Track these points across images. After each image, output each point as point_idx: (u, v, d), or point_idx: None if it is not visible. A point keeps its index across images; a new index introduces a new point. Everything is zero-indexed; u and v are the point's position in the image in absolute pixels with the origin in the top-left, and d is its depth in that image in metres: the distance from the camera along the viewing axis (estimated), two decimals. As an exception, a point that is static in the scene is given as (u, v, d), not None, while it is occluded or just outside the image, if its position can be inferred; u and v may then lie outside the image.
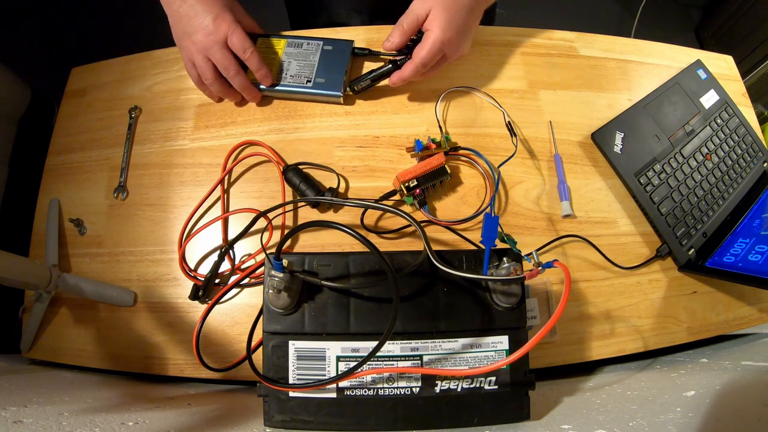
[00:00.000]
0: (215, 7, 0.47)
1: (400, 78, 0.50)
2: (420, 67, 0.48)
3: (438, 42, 0.47)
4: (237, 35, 0.48)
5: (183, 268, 0.49)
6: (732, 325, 0.52)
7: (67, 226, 0.53)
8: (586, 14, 1.74)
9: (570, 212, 0.52)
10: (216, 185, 0.51)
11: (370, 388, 0.34)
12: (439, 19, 0.47)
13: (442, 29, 0.47)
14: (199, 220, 0.51)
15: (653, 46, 0.64)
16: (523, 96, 0.58)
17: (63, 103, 0.59)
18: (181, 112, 0.56)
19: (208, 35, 0.48)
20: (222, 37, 0.48)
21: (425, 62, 0.48)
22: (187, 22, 0.48)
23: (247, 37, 0.49)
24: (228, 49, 0.49)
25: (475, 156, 0.52)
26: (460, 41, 0.49)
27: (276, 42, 0.55)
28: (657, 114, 0.58)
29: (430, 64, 0.49)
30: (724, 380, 0.38)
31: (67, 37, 1.53)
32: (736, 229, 0.53)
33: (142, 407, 0.38)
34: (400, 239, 0.50)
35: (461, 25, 0.48)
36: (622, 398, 0.39)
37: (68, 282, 0.47)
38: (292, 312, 0.35)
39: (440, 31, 0.47)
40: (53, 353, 0.49)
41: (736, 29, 1.53)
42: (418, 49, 0.48)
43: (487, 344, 0.35)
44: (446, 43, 0.48)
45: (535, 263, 0.32)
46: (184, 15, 0.48)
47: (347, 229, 0.29)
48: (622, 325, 0.50)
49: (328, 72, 0.53)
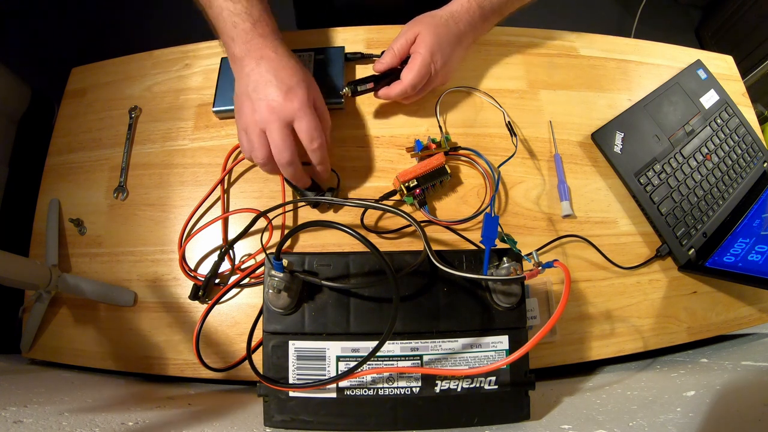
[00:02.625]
0: (291, 78, 0.41)
1: (387, 95, 0.51)
2: (409, 88, 0.49)
3: (426, 64, 0.48)
4: (307, 120, 0.41)
5: (183, 268, 0.49)
6: (732, 325, 0.52)
7: (67, 226, 0.53)
8: (586, 14, 1.74)
9: (570, 212, 0.52)
10: (216, 185, 0.51)
11: (370, 388, 0.34)
12: (426, 41, 0.48)
13: (429, 52, 0.47)
14: (199, 219, 0.51)
15: (653, 46, 0.64)
16: (523, 96, 0.58)
17: (63, 103, 0.59)
18: (181, 112, 0.56)
19: (273, 111, 0.41)
20: (288, 116, 0.41)
21: (414, 84, 0.48)
22: (254, 86, 0.42)
23: (319, 125, 0.42)
24: (290, 132, 0.42)
25: (475, 156, 0.52)
26: (445, 67, 0.50)
27: None
28: (657, 114, 0.58)
29: (419, 86, 0.49)
30: (724, 380, 0.38)
31: (67, 37, 1.53)
32: (736, 229, 0.53)
33: (142, 407, 0.38)
34: (400, 239, 0.50)
35: (448, 52, 0.49)
36: (622, 398, 0.39)
37: (68, 282, 0.47)
38: (292, 312, 0.35)
39: (428, 53, 0.47)
40: (53, 353, 0.49)
41: (736, 29, 1.53)
42: (406, 70, 0.49)
43: (487, 344, 0.35)
44: (434, 65, 0.48)
45: (535, 263, 0.32)
46: (253, 80, 0.42)
47: (347, 229, 0.29)
48: (622, 325, 0.50)
49: (324, 80, 0.53)
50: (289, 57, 0.43)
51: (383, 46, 0.58)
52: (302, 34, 0.59)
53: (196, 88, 0.57)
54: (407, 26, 0.50)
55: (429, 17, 0.50)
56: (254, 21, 0.43)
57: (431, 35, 0.48)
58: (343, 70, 0.54)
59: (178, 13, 0.44)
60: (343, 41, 0.58)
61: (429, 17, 0.50)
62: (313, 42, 0.58)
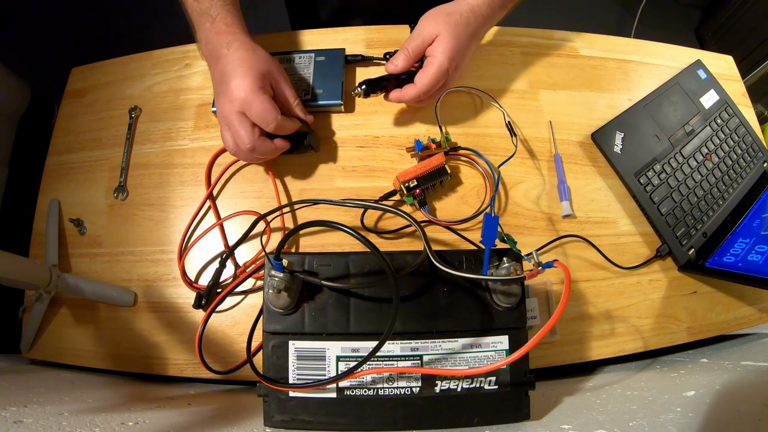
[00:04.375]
0: (237, 71, 0.42)
1: (398, 98, 0.48)
2: (423, 93, 0.46)
3: (444, 70, 0.45)
4: (255, 106, 0.42)
5: (185, 280, 0.48)
6: (732, 325, 0.52)
7: (67, 226, 0.53)
8: (586, 14, 1.74)
9: (570, 212, 0.52)
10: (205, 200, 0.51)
11: (370, 388, 0.34)
12: (445, 45, 0.45)
13: (449, 57, 0.45)
14: (200, 223, 0.51)
15: (653, 46, 0.64)
16: (523, 96, 0.58)
17: (63, 103, 0.59)
18: (181, 112, 0.56)
19: (228, 105, 0.43)
20: (238, 108, 0.42)
21: (428, 89, 0.46)
22: (216, 86, 0.44)
23: (269, 106, 0.43)
24: (245, 120, 0.43)
25: (475, 156, 0.52)
26: (461, 67, 0.48)
27: None
28: (657, 114, 0.58)
29: (433, 91, 0.47)
30: (724, 380, 0.38)
31: (67, 37, 1.53)
32: (736, 229, 0.53)
33: (142, 407, 0.38)
34: (400, 239, 0.50)
35: (465, 51, 0.47)
36: (622, 398, 0.39)
37: (68, 282, 0.47)
38: (292, 312, 0.35)
39: (447, 59, 0.45)
40: (53, 353, 0.49)
41: (736, 29, 1.53)
42: (422, 74, 0.46)
43: (487, 344, 0.35)
44: (451, 70, 0.46)
45: (535, 263, 0.32)
46: (217, 79, 0.44)
47: (347, 228, 0.29)
48: (622, 325, 0.50)
49: (324, 82, 0.53)
50: (237, 48, 0.43)
51: (384, 47, 0.58)
52: (302, 34, 0.59)
53: (196, 88, 0.57)
54: (423, 24, 0.46)
55: (446, 15, 0.46)
56: (213, 20, 0.44)
57: (452, 38, 0.45)
58: (342, 73, 0.54)
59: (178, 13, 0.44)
60: (343, 41, 0.58)
61: (446, 15, 0.46)
62: (312, 43, 0.58)
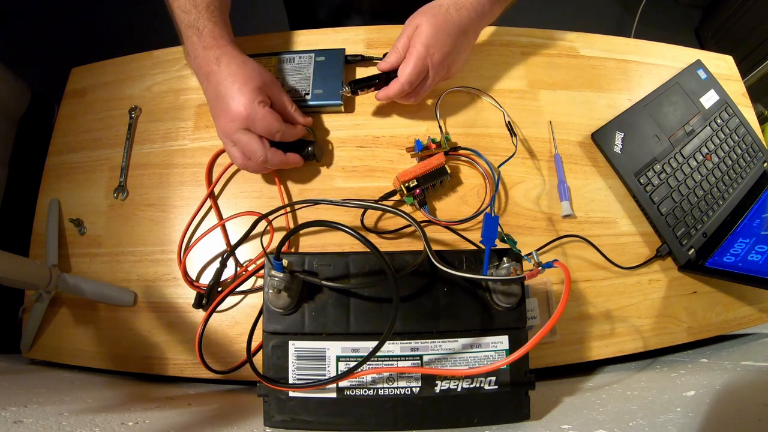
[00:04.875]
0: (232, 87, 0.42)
1: (386, 95, 0.49)
2: (405, 84, 0.47)
3: (420, 59, 0.46)
4: (259, 120, 0.43)
5: (186, 280, 0.48)
6: (732, 325, 0.52)
7: (67, 226, 0.53)
8: (586, 14, 1.74)
9: (570, 212, 0.52)
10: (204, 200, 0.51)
11: (370, 388, 0.34)
12: (423, 35, 0.45)
13: (425, 46, 0.45)
14: (200, 223, 0.51)
15: (653, 46, 0.64)
16: (523, 96, 0.58)
17: (63, 103, 0.59)
18: (181, 112, 0.56)
19: (231, 123, 0.43)
20: (242, 125, 0.43)
21: (410, 80, 0.47)
22: (210, 104, 0.45)
23: (273, 118, 0.44)
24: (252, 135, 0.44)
25: (475, 156, 0.52)
26: (445, 61, 0.47)
27: (266, 61, 0.55)
28: (657, 114, 0.58)
29: (416, 83, 0.48)
30: (724, 380, 0.38)
31: (67, 37, 1.53)
32: (736, 229, 0.53)
33: (142, 407, 0.38)
34: (400, 239, 0.50)
35: (449, 45, 0.46)
36: (622, 398, 0.39)
37: (68, 282, 0.47)
38: (292, 312, 0.35)
39: (423, 47, 0.45)
40: (53, 353, 0.49)
41: (736, 29, 1.53)
42: (402, 66, 0.47)
43: (487, 344, 0.35)
44: (430, 60, 0.46)
45: (535, 263, 0.32)
46: (211, 97, 0.44)
47: (347, 228, 0.29)
48: (622, 325, 0.50)
49: (324, 82, 0.53)
50: (228, 64, 0.42)
51: (384, 47, 0.58)
52: (302, 34, 0.59)
53: (196, 88, 0.57)
54: (408, 20, 0.48)
55: (429, 7, 0.47)
56: (200, 33, 0.43)
57: (428, 27, 0.45)
58: (342, 73, 0.54)
59: (178, 13, 0.44)
60: (342, 41, 0.58)
61: (429, 7, 0.47)
62: (312, 43, 0.58)
